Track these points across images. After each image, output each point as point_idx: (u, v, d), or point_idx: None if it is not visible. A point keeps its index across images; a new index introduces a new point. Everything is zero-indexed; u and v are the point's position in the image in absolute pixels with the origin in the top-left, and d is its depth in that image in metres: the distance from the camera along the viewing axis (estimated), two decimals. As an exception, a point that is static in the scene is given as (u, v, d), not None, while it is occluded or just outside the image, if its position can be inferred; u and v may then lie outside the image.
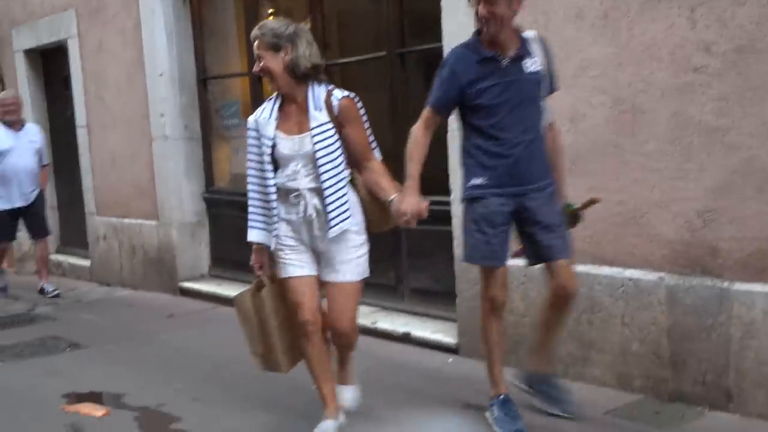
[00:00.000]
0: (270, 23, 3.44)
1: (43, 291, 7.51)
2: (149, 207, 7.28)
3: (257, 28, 3.41)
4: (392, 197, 3.38)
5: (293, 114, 3.41)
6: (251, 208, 3.53)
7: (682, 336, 3.72)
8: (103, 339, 5.73)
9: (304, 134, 3.36)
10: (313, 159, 3.33)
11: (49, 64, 8.97)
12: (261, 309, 3.56)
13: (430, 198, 5.16)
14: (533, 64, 3.48)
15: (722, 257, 3.59)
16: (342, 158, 3.39)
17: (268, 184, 3.43)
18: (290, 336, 3.57)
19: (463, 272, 4.66)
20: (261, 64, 3.38)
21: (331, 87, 3.43)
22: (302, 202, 3.40)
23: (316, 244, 3.46)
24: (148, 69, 7.05)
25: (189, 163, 7.09)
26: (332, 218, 3.35)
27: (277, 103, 3.45)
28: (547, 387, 3.77)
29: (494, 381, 3.68)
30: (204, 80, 7.10)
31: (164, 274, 7.20)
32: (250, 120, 3.50)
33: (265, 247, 3.54)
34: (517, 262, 4.31)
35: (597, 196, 3.69)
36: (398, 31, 5.46)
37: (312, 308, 3.46)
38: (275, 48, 3.33)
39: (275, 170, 3.43)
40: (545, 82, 3.53)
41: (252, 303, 3.59)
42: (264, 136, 3.41)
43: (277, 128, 3.40)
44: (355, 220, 3.44)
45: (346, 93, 3.42)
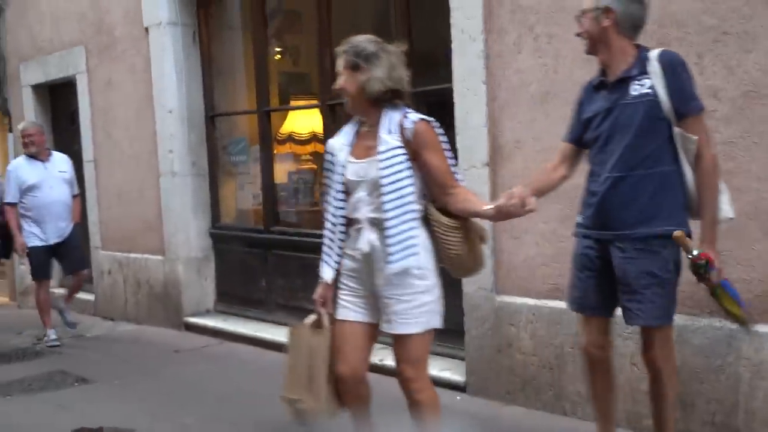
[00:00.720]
0: (356, 39, 3.18)
1: (67, 323, 7.14)
2: (156, 242, 7.33)
3: (343, 43, 3.19)
4: (488, 206, 3.08)
5: (366, 138, 3.18)
6: (324, 239, 3.27)
7: (691, 376, 3.76)
8: (111, 374, 5.75)
9: (371, 158, 3.11)
10: (378, 186, 3.06)
11: (57, 99, 9.08)
12: (317, 346, 3.24)
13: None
14: (643, 86, 3.06)
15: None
16: (412, 189, 3.07)
17: (336, 214, 3.20)
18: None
19: (472, 310, 4.71)
20: (339, 82, 3.18)
21: (408, 110, 3.16)
22: (361, 235, 3.14)
23: (376, 287, 3.15)
24: (157, 105, 7.14)
25: (196, 199, 7.15)
26: (392, 253, 3.03)
27: (356, 128, 3.25)
28: None
29: None
30: (212, 117, 7.18)
31: (170, 309, 7.23)
32: (329, 144, 3.30)
33: (328, 282, 3.27)
34: (525, 299, 4.40)
35: (676, 233, 3.08)
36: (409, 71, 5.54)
37: (353, 361, 3.19)
38: (354, 67, 3.11)
39: (344, 199, 3.20)
40: (666, 105, 3.03)
41: (310, 338, 3.29)
42: (337, 161, 3.20)
43: (350, 153, 3.19)
44: (419, 261, 3.08)
45: (423, 116, 3.14)
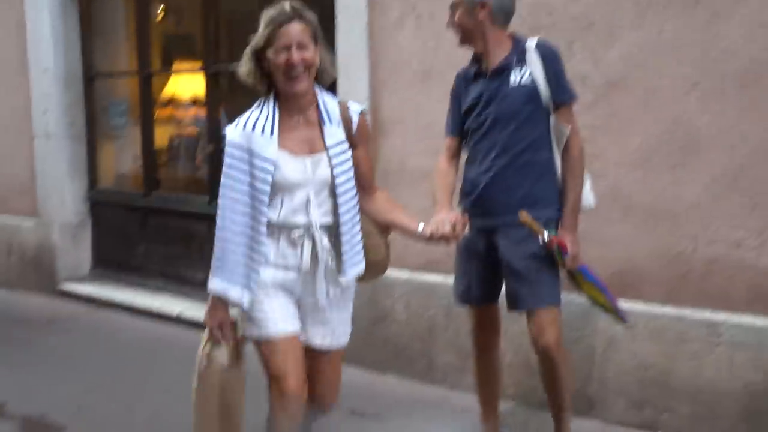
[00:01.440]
0: (305, 8, 2.65)
1: None
2: (28, 205, 7.08)
3: (297, 8, 2.61)
4: (420, 223, 2.73)
5: (298, 128, 2.66)
6: (221, 251, 2.65)
7: (552, 348, 3.99)
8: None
9: (317, 154, 2.65)
10: (329, 187, 2.65)
11: None
12: (232, 383, 2.75)
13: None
14: (522, 76, 3.08)
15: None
16: (355, 188, 2.73)
17: (260, 220, 2.60)
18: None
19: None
20: (307, 54, 2.56)
21: (337, 97, 2.78)
22: (307, 243, 2.66)
23: (310, 298, 2.74)
24: (32, 65, 6.86)
25: (72, 162, 6.93)
26: (346, 260, 2.69)
27: (274, 113, 2.65)
28: None
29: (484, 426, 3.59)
30: (91, 78, 6.98)
31: (43, 275, 7.01)
32: (233, 134, 2.63)
33: (233, 303, 2.68)
34: (400, 272, 4.53)
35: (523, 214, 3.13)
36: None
37: (300, 376, 2.72)
38: (315, 39, 2.61)
39: (270, 203, 2.64)
40: (544, 94, 3.08)
41: (221, 377, 2.74)
42: (261, 157, 2.59)
43: (280, 147, 2.62)
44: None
45: (361, 107, 2.79)
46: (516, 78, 3.09)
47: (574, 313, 3.90)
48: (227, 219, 2.63)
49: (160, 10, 7.03)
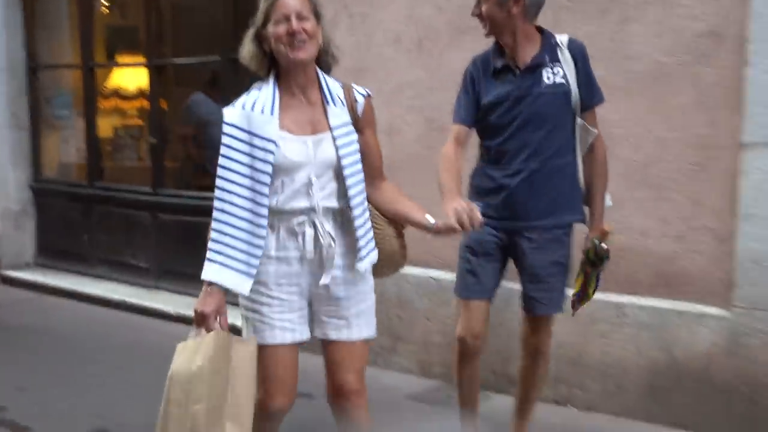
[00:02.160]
0: None
1: None
2: (-29, 194, 7.15)
3: None
4: (429, 216, 2.58)
5: (300, 109, 2.53)
6: (219, 237, 2.45)
7: (476, 329, 4.24)
8: None
9: (319, 135, 2.51)
10: (334, 169, 2.51)
11: None
12: (241, 362, 2.46)
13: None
14: (555, 75, 2.95)
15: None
16: (363, 172, 2.59)
17: (260, 203, 2.46)
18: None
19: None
20: (305, 25, 2.42)
21: (342, 81, 2.63)
22: (309, 230, 2.51)
23: (321, 290, 2.57)
24: (-26, 55, 6.93)
25: (15, 152, 7.04)
26: (362, 247, 2.54)
27: (275, 92, 2.51)
28: None
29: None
30: (34, 69, 7.05)
31: (-14, 262, 7.11)
32: (233, 115, 2.48)
33: (219, 287, 2.45)
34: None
35: (607, 227, 3.12)
36: (232, 36, 5.72)
37: (291, 391, 2.61)
38: (317, 16, 2.49)
39: (272, 186, 2.48)
40: (575, 95, 2.97)
41: (235, 353, 2.45)
42: (260, 137, 2.44)
43: (281, 126, 2.49)
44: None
45: (368, 90, 2.64)
46: (549, 77, 2.94)
47: (497, 299, 4.15)
48: (226, 203, 2.45)
49: (104, 2, 7.12)
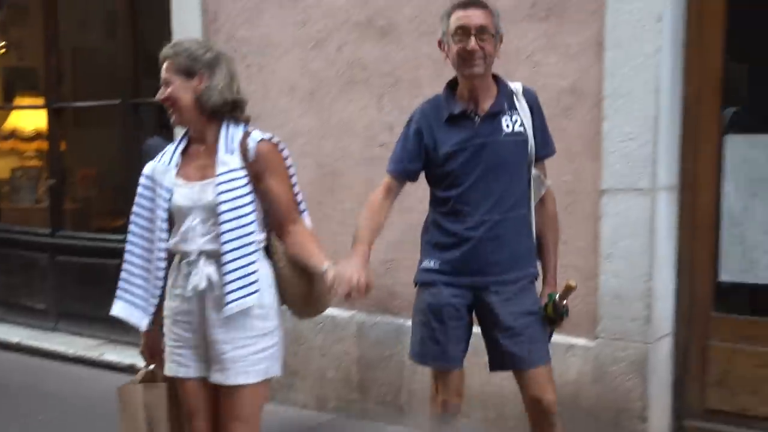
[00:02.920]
0: (186, 42, 2.75)
1: None
2: None
3: (169, 46, 2.73)
4: (325, 266, 2.64)
5: (199, 158, 2.73)
6: (126, 275, 2.77)
7: (368, 364, 4.49)
8: None
9: (206, 180, 2.66)
10: (215, 213, 2.62)
11: None
12: (154, 404, 2.79)
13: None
14: (514, 123, 2.87)
15: (399, 298, 4.39)
16: (252, 217, 2.65)
17: (159, 248, 2.70)
18: None
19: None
20: (167, 91, 2.68)
21: (250, 128, 2.76)
22: (194, 271, 2.66)
23: (208, 332, 2.68)
24: None
25: None
26: (230, 291, 2.60)
27: (182, 146, 2.78)
28: None
29: None
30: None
31: None
32: (147, 168, 2.79)
33: (154, 327, 2.78)
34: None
35: (572, 282, 2.96)
36: (133, 80, 5.88)
37: (207, 415, 2.77)
38: (188, 73, 2.66)
39: (168, 230, 2.71)
40: (531, 145, 2.90)
41: (143, 395, 2.79)
42: (160, 186, 2.70)
43: (177, 175, 2.71)
44: (262, 300, 2.68)
45: (268, 136, 2.73)
46: (509, 125, 2.87)
47: (387, 333, 4.42)
48: (129, 244, 2.78)
49: (1, 43, 7.14)
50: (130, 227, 2.78)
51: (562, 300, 2.95)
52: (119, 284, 2.78)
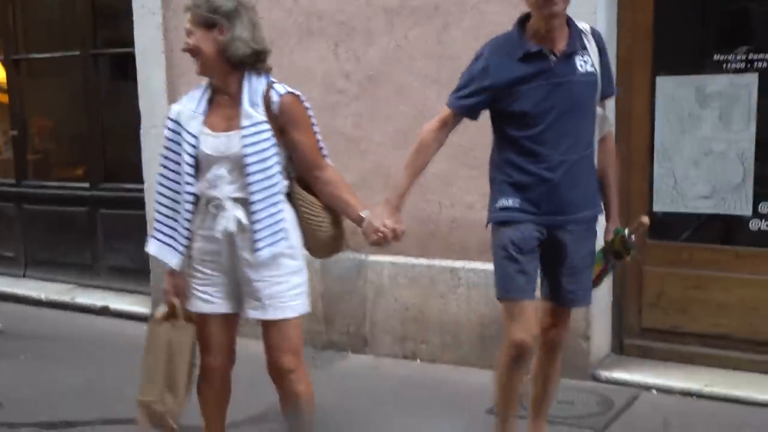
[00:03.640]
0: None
1: None
2: None
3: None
4: (364, 213, 2.83)
5: (224, 107, 2.81)
6: (159, 216, 2.88)
7: (332, 299, 4.79)
8: None
9: (232, 132, 2.75)
10: (241, 163, 2.72)
11: None
12: (179, 343, 2.87)
13: (126, 185, 5.86)
14: (586, 63, 2.84)
15: (360, 235, 4.66)
16: (278, 166, 2.76)
17: (186, 191, 2.80)
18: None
19: (156, 252, 5.41)
20: (190, 42, 2.76)
21: (273, 80, 2.83)
22: (223, 214, 2.78)
23: (240, 271, 2.82)
24: None
25: None
26: (260, 238, 2.74)
27: (208, 94, 2.84)
28: None
29: None
30: None
31: None
32: (172, 110, 2.87)
33: (174, 268, 2.89)
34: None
35: (645, 219, 3.07)
36: (92, 32, 6.00)
37: (218, 351, 2.94)
38: (208, 24, 2.72)
39: (196, 174, 2.81)
40: (599, 85, 2.88)
41: (170, 334, 2.87)
42: (186, 131, 2.78)
43: (203, 123, 2.79)
44: (289, 242, 2.81)
45: (290, 89, 2.81)
46: (582, 65, 2.83)
47: (349, 269, 4.72)
48: (159, 187, 2.88)
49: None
50: (159, 170, 2.88)
51: (630, 235, 3.02)
52: (155, 225, 2.89)
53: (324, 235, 2.91)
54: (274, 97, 2.76)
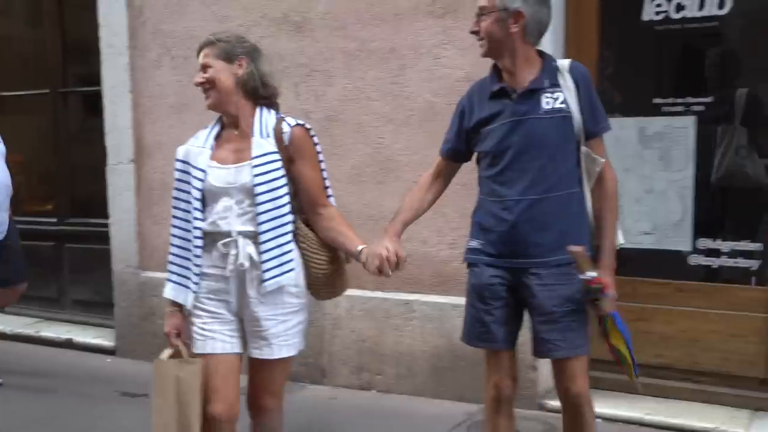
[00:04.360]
0: (225, 33, 2.91)
1: None
2: None
3: (210, 35, 2.88)
4: (360, 247, 2.78)
5: (233, 141, 2.83)
6: (172, 258, 2.89)
7: (291, 330, 4.90)
8: None
9: (242, 164, 2.75)
10: (251, 194, 2.72)
11: None
12: (187, 381, 2.77)
13: (92, 220, 5.95)
14: (555, 100, 2.78)
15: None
16: (287, 198, 2.75)
17: (194, 227, 2.79)
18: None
19: (120, 285, 5.51)
20: (206, 75, 2.79)
21: (282, 114, 2.88)
22: (233, 251, 2.75)
23: (246, 309, 2.80)
24: None
25: None
26: (268, 269, 2.72)
27: (215, 130, 2.88)
28: None
29: None
30: None
31: None
32: (180, 151, 2.88)
33: (179, 308, 2.86)
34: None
35: (571, 248, 2.80)
36: (61, 70, 6.15)
37: (229, 399, 2.81)
38: (228, 58, 2.79)
39: (203, 209, 2.81)
40: (577, 122, 2.79)
41: (178, 372, 2.79)
42: (194, 167, 2.79)
43: (211, 157, 2.81)
44: (296, 278, 2.81)
45: (300, 121, 2.85)
46: (548, 102, 2.78)
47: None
48: (173, 228, 2.89)
49: None
50: (172, 211, 2.88)
51: (590, 279, 2.77)
52: (168, 267, 2.90)
53: (321, 272, 2.87)
54: (285, 128, 2.80)
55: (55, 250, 6.23)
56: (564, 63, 2.85)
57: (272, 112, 2.86)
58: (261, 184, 2.71)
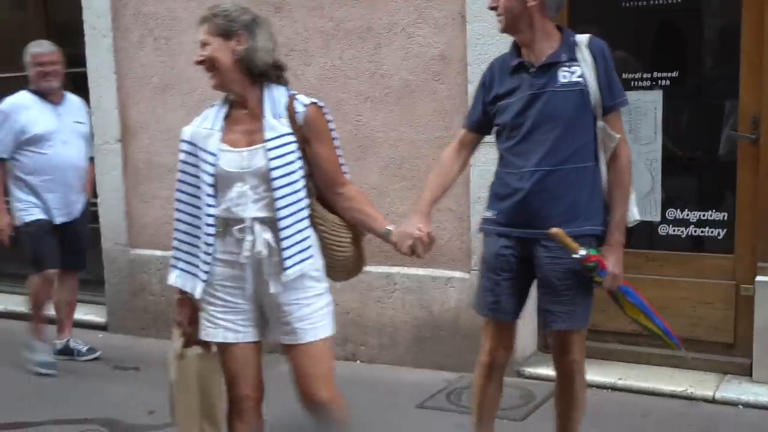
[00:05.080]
0: (224, 5, 2.68)
1: (71, 351, 5.17)
2: None
3: (207, 9, 2.68)
4: (389, 227, 2.70)
5: (243, 122, 2.67)
6: (177, 244, 2.74)
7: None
8: None
9: (255, 147, 2.61)
10: (267, 178, 2.58)
11: None
12: (208, 372, 2.76)
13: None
14: (572, 74, 2.80)
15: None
16: (303, 182, 2.63)
17: (206, 213, 2.63)
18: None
19: (110, 262, 5.65)
20: (205, 52, 2.62)
21: (293, 91, 2.73)
22: (249, 237, 2.61)
23: (264, 296, 2.67)
24: None
25: None
26: (288, 257, 2.58)
27: (224, 110, 2.70)
28: None
29: None
30: None
31: None
32: (185, 132, 2.71)
33: (189, 296, 2.73)
34: (154, 251, 5.40)
35: (551, 230, 2.82)
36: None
37: (250, 380, 2.74)
38: (226, 34, 2.60)
39: (216, 196, 2.65)
40: (594, 96, 2.80)
41: (197, 364, 2.75)
42: (204, 150, 2.63)
43: (222, 140, 2.65)
44: (316, 262, 2.68)
45: (314, 99, 2.71)
46: (566, 75, 2.80)
47: (292, 275, 4.96)
48: (178, 212, 2.72)
49: None
50: (176, 195, 2.73)
51: (584, 257, 2.80)
52: (173, 253, 2.76)
53: (343, 255, 2.74)
54: (299, 108, 2.66)
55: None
56: (582, 38, 2.86)
57: (281, 89, 2.71)
58: (277, 168, 2.58)
